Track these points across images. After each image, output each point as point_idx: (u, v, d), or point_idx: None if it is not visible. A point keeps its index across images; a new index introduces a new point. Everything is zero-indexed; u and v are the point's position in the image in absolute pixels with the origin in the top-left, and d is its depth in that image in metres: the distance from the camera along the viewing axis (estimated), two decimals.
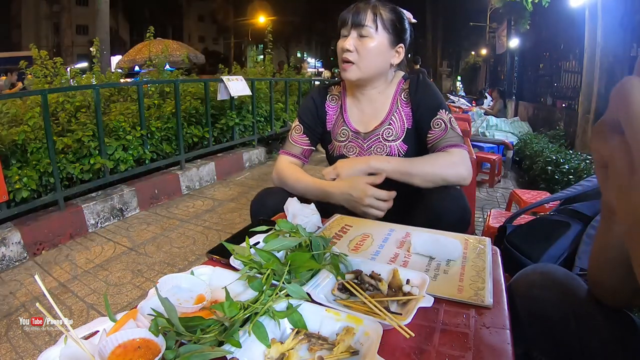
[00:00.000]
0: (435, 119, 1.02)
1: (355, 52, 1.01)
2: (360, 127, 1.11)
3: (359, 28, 1.00)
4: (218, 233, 2.40)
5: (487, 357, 0.48)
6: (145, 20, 21.36)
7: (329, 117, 1.16)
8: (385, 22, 1.01)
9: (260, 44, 18.36)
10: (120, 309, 1.63)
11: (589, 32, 3.99)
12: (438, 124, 1.02)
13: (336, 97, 1.17)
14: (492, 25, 10.53)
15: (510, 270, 0.79)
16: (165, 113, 3.30)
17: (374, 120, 1.09)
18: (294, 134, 1.16)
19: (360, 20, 1.00)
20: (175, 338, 0.45)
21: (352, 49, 1.01)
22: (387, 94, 1.10)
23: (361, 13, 1.00)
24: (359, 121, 1.11)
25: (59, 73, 3.15)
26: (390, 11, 1.03)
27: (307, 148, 1.16)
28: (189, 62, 5.81)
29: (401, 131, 1.06)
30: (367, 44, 1.01)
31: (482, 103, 7.65)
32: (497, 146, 4.15)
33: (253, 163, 4.15)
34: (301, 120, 1.16)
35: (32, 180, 2.23)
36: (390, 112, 1.08)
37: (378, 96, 1.10)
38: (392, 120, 1.07)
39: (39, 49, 3.15)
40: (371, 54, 1.01)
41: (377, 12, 1.01)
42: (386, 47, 1.03)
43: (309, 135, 1.16)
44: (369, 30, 1.00)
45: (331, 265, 0.63)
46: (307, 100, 1.20)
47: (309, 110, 1.17)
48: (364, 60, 1.02)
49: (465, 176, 0.96)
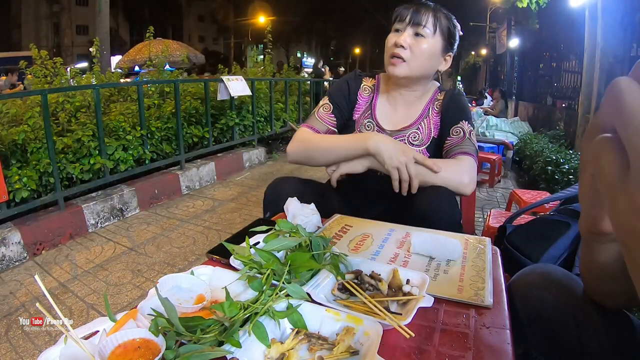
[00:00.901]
0: (456, 127, 1.02)
1: (409, 49, 0.99)
2: (386, 124, 1.09)
3: (417, 26, 0.98)
4: (218, 233, 2.40)
5: (487, 357, 0.48)
6: (145, 20, 21.36)
7: (359, 106, 1.13)
8: (442, 27, 1.00)
9: (260, 44, 18.35)
10: (120, 309, 1.63)
11: (589, 32, 3.99)
12: (457, 132, 1.02)
13: (369, 89, 1.14)
14: (492, 25, 10.53)
15: (510, 270, 0.79)
16: (165, 113, 3.30)
17: (403, 121, 1.08)
18: (321, 112, 1.11)
19: (420, 19, 0.98)
20: (175, 338, 0.45)
21: (406, 45, 0.98)
22: (422, 99, 1.09)
23: (422, 12, 0.98)
24: (387, 119, 1.10)
25: (59, 73, 3.15)
26: (448, 17, 1.02)
27: (331, 128, 1.10)
28: (189, 62, 5.81)
29: (427, 138, 1.06)
30: (422, 44, 0.99)
31: (482, 103, 7.66)
32: (497, 146, 4.15)
33: (253, 163, 4.15)
34: (332, 99, 1.12)
35: (32, 180, 2.23)
36: (420, 117, 1.08)
37: (414, 100, 1.09)
38: (420, 125, 1.07)
39: (39, 49, 3.15)
40: (425, 55, 1.00)
41: (438, 15, 1.00)
42: (438, 52, 1.02)
43: (337, 116, 1.11)
44: (426, 31, 0.98)
45: (331, 265, 0.63)
46: (341, 83, 1.15)
47: (341, 92, 1.13)
48: (416, 59, 1.00)
49: (465, 183, 0.94)
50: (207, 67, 10.43)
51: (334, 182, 1.02)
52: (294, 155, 1.06)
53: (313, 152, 1.03)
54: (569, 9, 4.51)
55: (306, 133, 1.07)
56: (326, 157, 1.01)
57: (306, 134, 1.07)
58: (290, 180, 1.03)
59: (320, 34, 27.35)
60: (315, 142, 1.03)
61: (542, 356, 0.61)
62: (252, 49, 21.56)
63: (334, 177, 1.01)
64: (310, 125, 1.10)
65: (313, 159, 1.03)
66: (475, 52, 15.65)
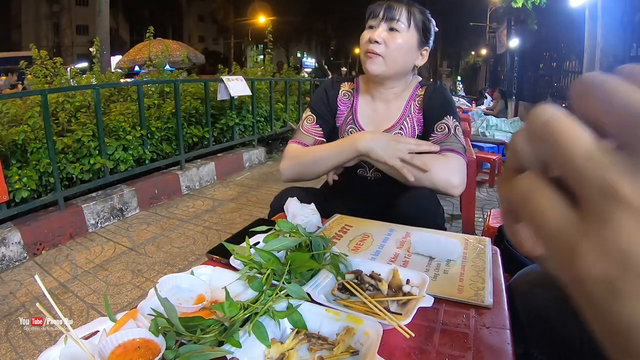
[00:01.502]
0: (440, 123, 1.00)
1: (384, 44, 0.97)
2: (369, 128, 1.07)
3: (391, 21, 0.97)
4: (218, 233, 2.40)
5: (487, 357, 0.48)
6: (145, 20, 21.35)
7: (340, 113, 1.12)
8: (417, 21, 0.99)
9: (260, 44, 18.37)
10: (120, 309, 1.63)
11: (589, 32, 4.00)
12: (442, 128, 0.99)
13: (348, 94, 1.13)
14: (492, 25, 10.54)
15: (510, 270, 0.79)
16: (165, 113, 3.30)
17: (386, 122, 1.06)
18: (305, 124, 1.10)
19: (393, 14, 0.97)
20: (175, 338, 0.45)
21: (380, 40, 0.97)
22: (402, 97, 1.07)
23: (395, 8, 0.97)
24: (370, 122, 1.08)
25: (59, 73, 3.16)
26: (422, 12, 1.01)
27: (319, 139, 1.09)
28: (189, 62, 5.81)
29: (411, 137, 1.04)
30: (397, 38, 0.97)
31: (482, 103, 7.65)
32: (497, 146, 4.15)
33: (253, 163, 4.15)
34: (313, 110, 1.11)
35: (32, 180, 2.23)
36: (402, 117, 1.05)
37: (393, 98, 1.07)
38: (403, 125, 1.05)
39: (39, 49, 3.15)
40: (400, 49, 0.98)
41: (411, 10, 0.99)
42: (414, 46, 1.01)
43: (322, 125, 1.10)
44: (400, 25, 0.97)
45: (331, 265, 0.62)
46: (320, 92, 1.15)
47: (322, 101, 1.12)
48: (392, 54, 0.98)
49: (455, 184, 0.91)
50: (207, 67, 10.43)
51: (330, 180, 1.03)
52: (287, 173, 1.06)
53: (306, 165, 1.03)
54: (569, 9, 4.52)
55: (295, 149, 1.07)
56: (320, 168, 1.02)
57: (296, 150, 1.07)
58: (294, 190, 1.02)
59: (320, 34, 27.34)
60: (306, 155, 1.03)
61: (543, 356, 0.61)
62: (252, 49, 21.57)
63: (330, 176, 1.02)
64: (297, 140, 1.09)
65: (307, 173, 1.03)
66: (475, 52, 15.67)
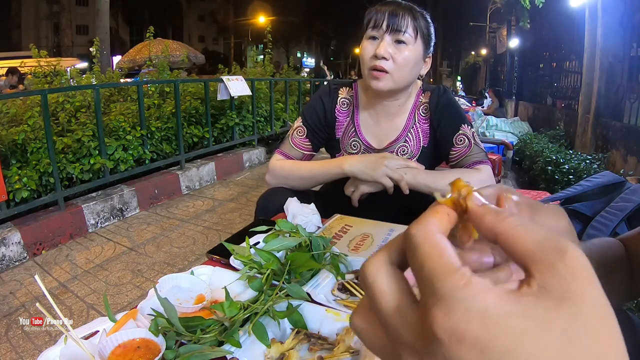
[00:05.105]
0: (458, 135, 0.95)
1: (391, 60, 0.89)
2: (374, 141, 1.02)
3: (397, 33, 0.88)
4: (218, 233, 2.40)
5: None
6: (145, 21, 21.36)
7: (339, 124, 1.05)
8: (422, 31, 0.91)
9: (260, 44, 18.35)
10: (120, 309, 1.63)
11: (589, 32, 4.00)
12: (461, 140, 0.95)
13: (347, 102, 1.05)
14: (492, 25, 10.55)
15: None
16: (165, 113, 3.30)
17: (390, 135, 1.01)
18: (295, 136, 1.04)
19: (399, 24, 0.87)
20: (175, 338, 0.45)
21: (387, 56, 0.88)
22: (406, 107, 1.01)
23: (399, 16, 0.87)
24: (373, 135, 1.02)
25: (59, 73, 3.16)
26: (424, 18, 0.92)
27: (307, 153, 1.05)
28: (189, 62, 5.81)
29: (416, 149, 1.00)
30: (404, 52, 0.89)
31: (482, 103, 7.67)
32: (497, 146, 4.14)
33: (253, 163, 4.15)
34: (305, 122, 1.04)
35: (32, 180, 2.23)
36: (406, 129, 1.00)
37: (397, 109, 1.00)
38: (407, 137, 1.00)
39: (39, 49, 3.15)
40: (409, 64, 0.90)
41: (416, 17, 0.89)
42: (421, 58, 0.94)
43: (312, 140, 1.04)
44: (407, 37, 0.88)
45: (331, 265, 0.63)
46: (315, 101, 1.06)
47: (316, 112, 1.04)
48: (401, 70, 0.90)
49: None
50: (207, 67, 10.43)
51: (355, 202, 0.97)
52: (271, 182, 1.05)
53: (292, 181, 1.01)
54: (568, 9, 4.52)
55: (282, 166, 1.03)
56: (306, 184, 1.02)
57: (282, 168, 1.03)
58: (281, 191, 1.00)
59: (320, 34, 27.34)
60: (291, 172, 1.02)
61: None
62: (252, 49, 21.58)
63: (355, 197, 0.96)
64: (284, 152, 1.05)
65: (294, 187, 1.02)
66: (475, 52, 15.67)
